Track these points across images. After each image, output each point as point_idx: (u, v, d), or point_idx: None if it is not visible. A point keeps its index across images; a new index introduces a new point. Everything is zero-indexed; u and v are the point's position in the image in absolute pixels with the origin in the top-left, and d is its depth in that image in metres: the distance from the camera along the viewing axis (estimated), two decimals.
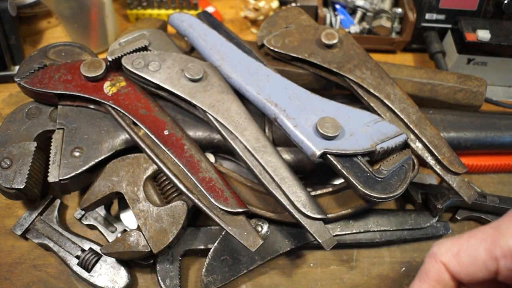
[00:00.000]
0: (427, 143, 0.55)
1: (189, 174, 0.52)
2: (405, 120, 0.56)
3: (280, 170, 0.52)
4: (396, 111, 0.57)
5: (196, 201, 0.51)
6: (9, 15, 0.73)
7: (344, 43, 0.63)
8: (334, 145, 0.50)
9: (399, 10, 0.81)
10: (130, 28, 0.74)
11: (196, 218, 0.61)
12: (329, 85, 0.67)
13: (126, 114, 0.56)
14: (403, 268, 0.60)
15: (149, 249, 0.52)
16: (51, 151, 0.56)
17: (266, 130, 0.61)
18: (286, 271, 0.59)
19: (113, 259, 0.56)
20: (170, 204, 0.54)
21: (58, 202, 0.60)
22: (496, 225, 0.35)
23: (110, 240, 0.58)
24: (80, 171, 0.55)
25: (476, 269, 0.34)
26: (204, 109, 0.55)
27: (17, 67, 0.74)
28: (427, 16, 0.79)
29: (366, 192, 0.49)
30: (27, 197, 0.57)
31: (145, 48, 0.61)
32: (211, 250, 0.56)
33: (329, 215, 0.56)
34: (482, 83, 0.68)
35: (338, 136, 0.51)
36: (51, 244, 0.57)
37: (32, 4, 0.82)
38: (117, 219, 0.60)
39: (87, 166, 0.55)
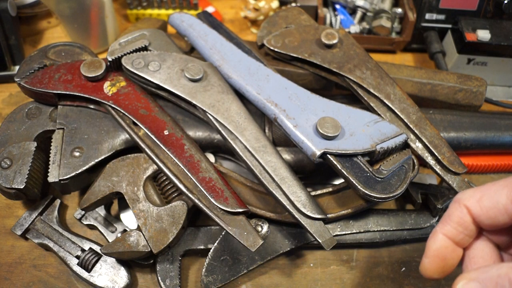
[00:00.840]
0: (427, 143, 0.55)
1: (189, 174, 0.52)
2: (405, 120, 0.56)
3: (280, 170, 0.52)
4: (396, 111, 0.57)
5: (196, 201, 0.51)
6: (9, 15, 0.73)
7: (344, 43, 0.63)
8: (334, 145, 0.50)
9: (399, 10, 0.81)
10: (130, 28, 0.74)
11: (196, 218, 0.61)
12: (329, 85, 0.67)
13: (126, 114, 0.56)
14: (403, 268, 0.60)
15: (149, 249, 0.52)
16: (51, 151, 0.56)
17: (266, 130, 0.61)
18: (286, 271, 0.59)
19: (113, 259, 0.56)
20: (170, 204, 0.54)
21: (58, 202, 0.60)
22: None
23: (110, 240, 0.58)
24: (80, 171, 0.55)
25: (497, 213, 0.36)
26: (204, 109, 0.55)
27: (17, 67, 0.74)
28: (427, 16, 0.79)
29: (366, 192, 0.49)
30: (27, 197, 0.57)
31: (145, 48, 0.61)
32: (211, 250, 0.56)
33: (329, 215, 0.56)
34: (482, 83, 0.68)
35: (338, 136, 0.51)
36: (51, 244, 0.57)
37: (32, 4, 0.82)
38: (117, 219, 0.60)
39: (87, 166, 0.55)
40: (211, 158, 0.63)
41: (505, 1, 0.75)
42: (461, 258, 0.40)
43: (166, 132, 0.55)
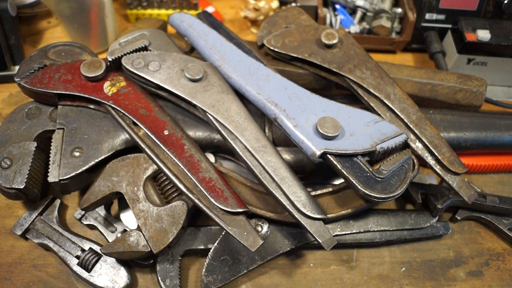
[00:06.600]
0: (427, 143, 0.55)
1: (189, 174, 0.52)
2: (405, 120, 0.56)
3: (280, 170, 0.52)
4: (396, 111, 0.57)
5: (196, 201, 0.51)
6: (9, 15, 0.73)
7: (344, 43, 0.63)
8: (334, 145, 0.50)
9: (399, 10, 0.81)
10: (130, 28, 0.74)
11: (196, 218, 0.61)
12: (329, 85, 0.67)
13: (126, 114, 0.56)
14: (403, 268, 0.60)
15: (149, 249, 0.52)
16: (51, 151, 0.56)
17: (266, 130, 0.61)
18: (286, 271, 0.59)
19: (113, 259, 0.56)
20: (170, 204, 0.54)
21: (58, 202, 0.60)
22: None
23: (110, 240, 0.58)
24: (80, 171, 0.55)
25: None
26: (204, 109, 0.55)
27: (17, 67, 0.74)
28: (427, 16, 0.79)
29: (366, 192, 0.49)
30: (27, 197, 0.57)
31: (145, 48, 0.61)
32: (211, 250, 0.56)
33: (329, 215, 0.56)
34: (482, 83, 0.68)
35: (338, 136, 0.51)
36: (51, 244, 0.57)
37: (32, 4, 0.82)
38: (117, 219, 0.60)
39: (87, 166, 0.55)
40: (211, 158, 0.63)
41: (505, 1, 0.75)
42: None
43: (166, 132, 0.55)
